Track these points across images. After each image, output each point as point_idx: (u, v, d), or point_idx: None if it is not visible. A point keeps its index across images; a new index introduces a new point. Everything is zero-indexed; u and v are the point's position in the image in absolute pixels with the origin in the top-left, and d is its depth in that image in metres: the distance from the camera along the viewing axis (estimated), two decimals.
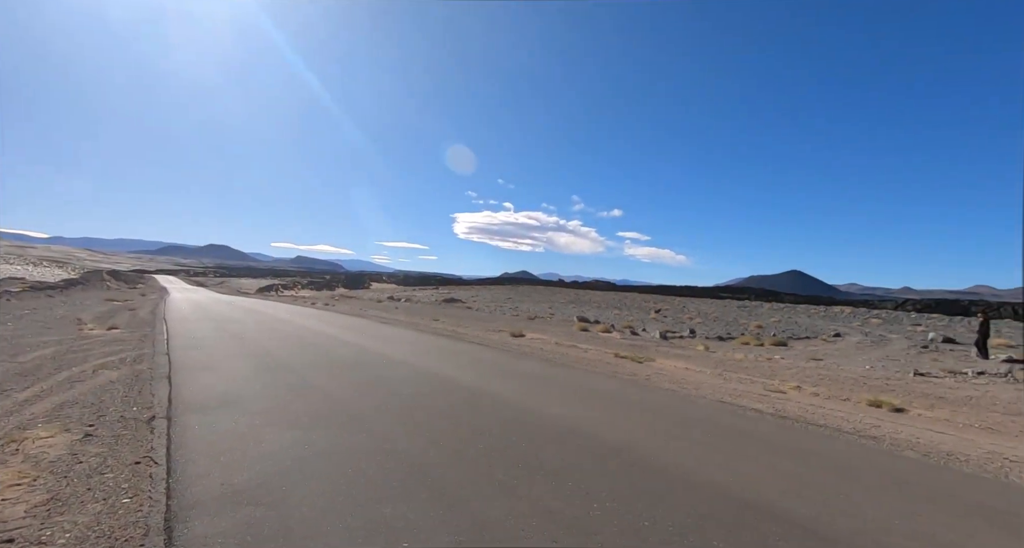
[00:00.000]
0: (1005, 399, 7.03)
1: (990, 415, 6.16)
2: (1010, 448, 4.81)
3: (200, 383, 6.04)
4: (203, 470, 3.36)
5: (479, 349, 10.54)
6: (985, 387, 7.87)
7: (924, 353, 14.57)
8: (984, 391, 7.53)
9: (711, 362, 10.24)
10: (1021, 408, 6.53)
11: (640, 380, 7.63)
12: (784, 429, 5.07)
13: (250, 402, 5.17)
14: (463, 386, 6.40)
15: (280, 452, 3.71)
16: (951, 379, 8.65)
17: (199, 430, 4.21)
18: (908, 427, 5.44)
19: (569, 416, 5.09)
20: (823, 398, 6.98)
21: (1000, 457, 4.45)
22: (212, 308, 21.16)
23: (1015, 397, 7.16)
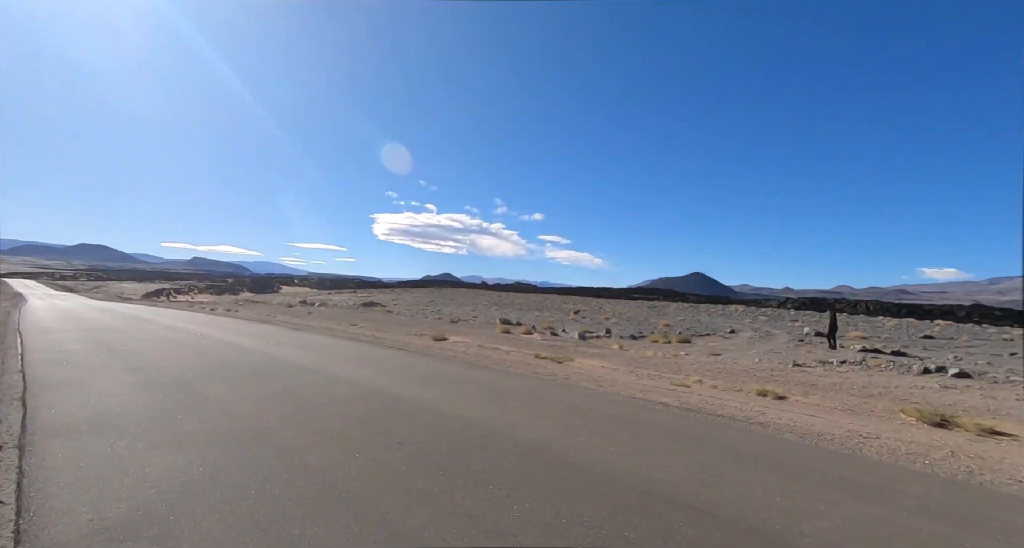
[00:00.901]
0: (860, 384, 8.24)
1: (850, 398, 7.18)
2: (863, 426, 5.64)
3: (66, 404, 5.20)
4: (67, 505, 2.89)
5: (400, 354, 10.24)
6: (846, 374, 9.18)
7: (801, 346, 16.64)
8: (845, 378, 8.78)
9: (625, 360, 10.86)
10: (871, 391, 7.70)
11: (560, 380, 7.87)
12: (688, 420, 5.50)
13: (131, 423, 4.55)
14: (382, 393, 6.16)
15: (167, 477, 3.30)
16: (821, 368, 9.97)
17: (63, 458, 3.62)
18: (788, 412, 6.17)
19: (491, 418, 5.11)
20: (721, 390, 7.68)
21: (857, 434, 5.20)
22: (84, 316, 18.39)
23: (867, 382, 8.42)
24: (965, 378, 8.53)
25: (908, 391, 7.69)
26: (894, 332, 27.87)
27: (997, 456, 4.63)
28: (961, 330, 33.73)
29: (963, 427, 5.59)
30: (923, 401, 6.98)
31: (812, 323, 31.94)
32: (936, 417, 5.82)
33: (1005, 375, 9.48)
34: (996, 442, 5.17)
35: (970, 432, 5.48)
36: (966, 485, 3.81)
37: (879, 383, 8.32)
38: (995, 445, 5.05)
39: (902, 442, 4.96)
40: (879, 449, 4.69)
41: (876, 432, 5.33)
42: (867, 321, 41.70)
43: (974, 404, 6.87)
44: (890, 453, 4.58)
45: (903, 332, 28.18)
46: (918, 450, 4.69)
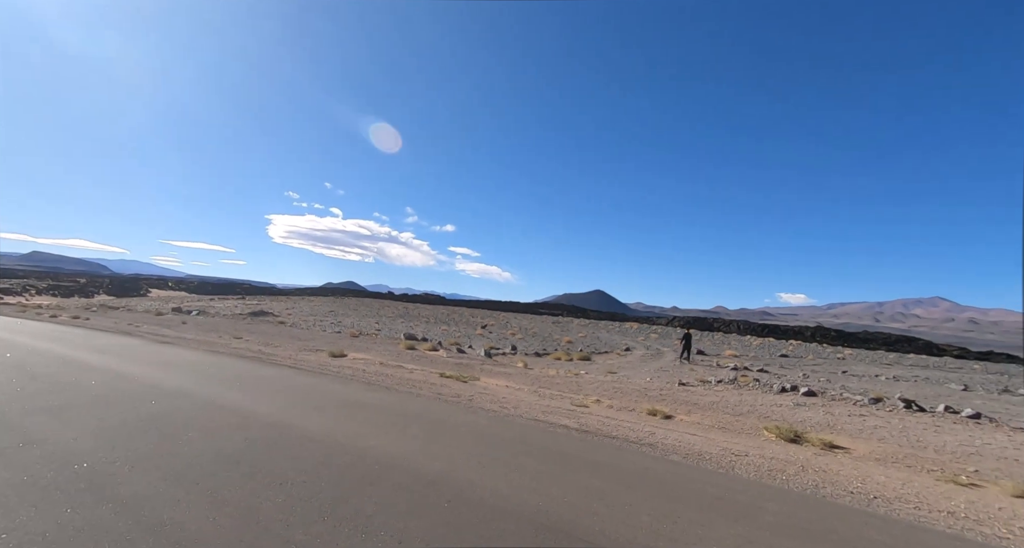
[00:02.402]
0: (733, 402, 9.22)
1: (724, 417, 7.97)
2: (735, 443, 6.26)
3: None
4: None
5: (291, 373, 9.35)
6: (722, 393, 10.21)
7: (685, 365, 18.26)
8: (721, 396, 9.76)
9: (529, 379, 11.02)
10: (742, 409, 8.63)
11: (464, 401, 7.73)
12: (586, 444, 5.68)
13: None
14: (265, 421, 5.53)
15: None
16: (702, 387, 11.00)
17: None
18: (674, 432, 6.65)
19: (388, 449, 4.81)
20: (616, 410, 8.09)
21: (730, 452, 5.75)
22: None
23: (739, 400, 9.45)
24: (812, 396, 9.96)
25: (770, 409, 8.75)
26: (759, 351, 31.87)
27: (835, 469, 5.39)
28: (808, 349, 39.60)
29: (811, 442, 6.46)
30: (781, 418, 7.97)
31: (695, 342, 35.36)
32: (791, 433, 6.66)
33: (839, 392, 11.23)
34: (834, 456, 6.04)
35: (816, 447, 6.35)
36: (812, 499, 4.36)
37: (748, 401, 9.37)
38: (833, 458, 5.89)
39: (765, 459, 5.58)
40: (747, 466, 5.22)
41: (745, 449, 5.95)
42: (738, 340, 47.25)
43: (819, 420, 8.01)
44: (756, 470, 5.11)
45: (766, 351, 32.34)
46: (777, 466, 5.30)
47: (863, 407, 9.10)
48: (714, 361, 20.74)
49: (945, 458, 6.21)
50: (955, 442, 7.04)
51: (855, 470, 5.39)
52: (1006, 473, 5.72)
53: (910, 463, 5.89)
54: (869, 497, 4.51)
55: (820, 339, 63.59)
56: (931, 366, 29.07)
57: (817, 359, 26.96)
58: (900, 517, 4.04)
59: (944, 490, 4.91)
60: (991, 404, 12.42)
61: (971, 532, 3.86)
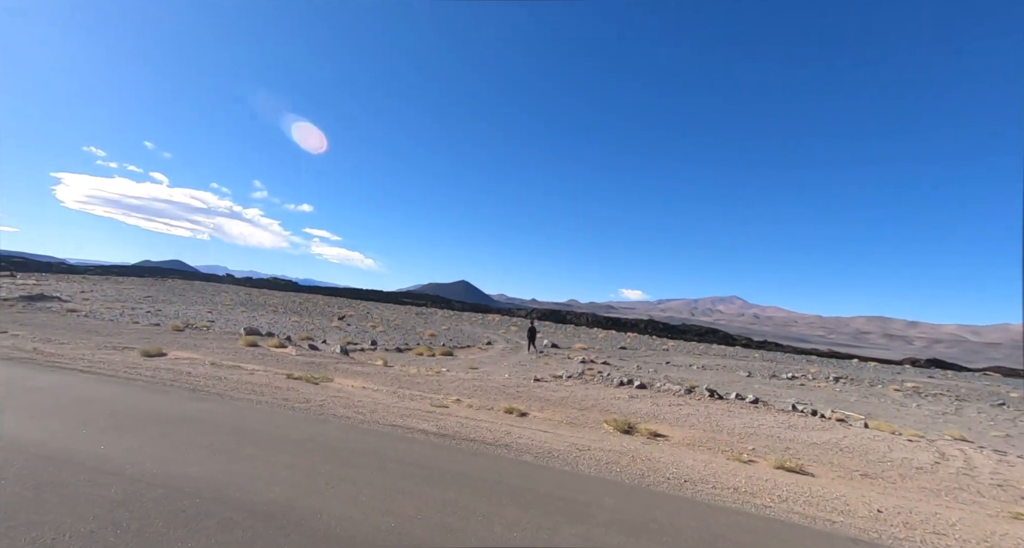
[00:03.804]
0: (580, 396, 10.13)
1: (572, 411, 8.70)
2: (580, 438, 6.87)
3: None
4: None
5: (84, 381, 7.52)
6: (571, 388, 11.15)
7: (540, 358, 19.52)
8: (571, 391, 10.64)
9: (388, 379, 10.63)
10: (587, 403, 9.53)
11: (313, 408, 7.11)
12: (443, 449, 5.65)
13: None
14: (36, 453, 4.32)
15: None
16: (554, 383, 11.86)
17: None
18: (528, 430, 7.03)
19: (214, 476, 4.15)
20: (476, 409, 8.24)
21: (575, 448, 6.27)
22: None
23: (585, 395, 10.42)
24: (643, 388, 11.48)
25: (610, 402, 9.82)
26: (603, 343, 35.67)
27: (657, 456, 6.26)
28: (641, 341, 45.66)
29: (640, 432, 7.42)
30: (619, 411, 9.01)
31: (549, 334, 38.09)
32: (625, 425, 7.55)
33: (663, 383, 13.15)
34: (657, 444, 7.02)
35: (644, 436, 7.30)
36: (639, 489, 4.99)
37: (592, 395, 10.39)
38: (656, 447, 6.84)
39: (604, 452, 6.22)
40: (590, 461, 5.75)
41: (588, 444, 6.55)
42: (587, 333, 52.25)
43: (647, 411, 9.25)
44: (596, 464, 5.66)
45: (609, 343, 36.34)
46: (613, 459, 5.95)
47: (680, 397, 10.78)
48: (566, 353, 22.58)
49: (734, 439, 7.68)
50: (741, 424, 8.76)
51: (672, 456, 6.33)
52: (771, 448, 7.30)
53: (711, 446, 7.14)
54: (681, 481, 5.33)
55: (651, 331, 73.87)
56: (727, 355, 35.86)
57: (648, 350, 31.23)
58: (702, 498, 4.86)
59: (732, 468, 6.05)
60: (764, 388, 15.78)
61: (748, 505, 4.81)
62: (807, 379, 20.98)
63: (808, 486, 5.55)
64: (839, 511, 4.86)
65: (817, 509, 4.85)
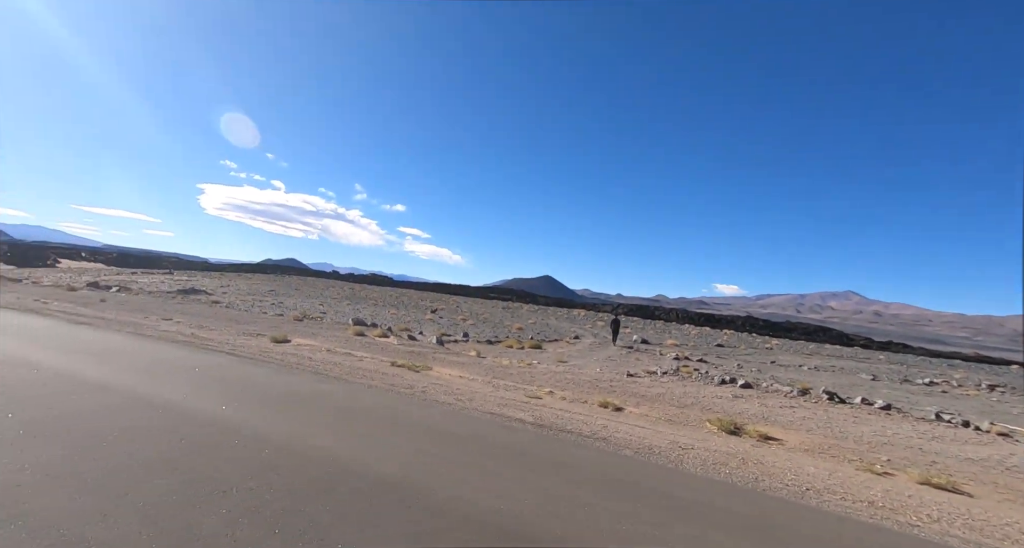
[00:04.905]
0: (678, 394, 9.67)
1: (671, 408, 8.34)
2: (682, 436, 6.56)
3: None
4: None
5: (230, 362, 8.74)
6: (667, 384, 10.69)
7: (631, 353, 18.97)
8: (667, 388, 10.21)
9: (482, 369, 10.99)
10: (686, 401, 9.07)
11: (417, 393, 7.57)
12: (542, 440, 5.72)
13: None
14: (201, 419, 5.11)
15: None
16: (648, 378, 11.45)
17: None
18: (625, 425, 6.87)
19: (340, 450, 4.60)
20: (569, 401, 8.23)
21: (677, 446, 6.01)
22: None
23: (683, 392, 9.93)
24: (748, 388, 10.66)
25: (712, 400, 9.26)
26: (697, 340, 33.72)
27: (771, 461, 5.78)
28: (740, 339, 42.43)
29: (749, 434, 6.90)
30: (722, 410, 8.46)
31: (639, 330, 36.86)
32: (731, 426, 7.07)
33: (770, 383, 12.10)
34: (769, 447, 6.48)
35: (753, 438, 6.78)
36: (753, 492, 4.64)
37: (691, 393, 9.87)
38: (769, 450, 6.31)
39: (709, 452, 5.88)
40: (694, 460, 5.47)
41: (691, 442, 6.24)
42: (678, 329, 49.76)
43: (755, 412, 8.58)
44: (702, 464, 5.37)
45: (703, 340, 34.27)
46: (721, 460, 5.60)
47: (792, 398, 9.85)
48: (657, 350, 21.70)
49: (863, 448, 6.85)
50: (870, 432, 7.78)
51: (788, 462, 5.80)
52: (912, 461, 6.38)
53: (834, 453, 6.43)
54: (802, 489, 4.87)
55: (750, 329, 68.33)
56: (844, 356, 32.06)
57: (748, 349, 28.93)
58: (830, 509, 4.39)
59: (863, 479, 5.39)
60: (895, 393, 13.85)
61: (888, 521, 4.26)
62: (950, 386, 18.04)
63: (966, 507, 4.77)
64: (1012, 540, 4.12)
65: (982, 535, 4.15)
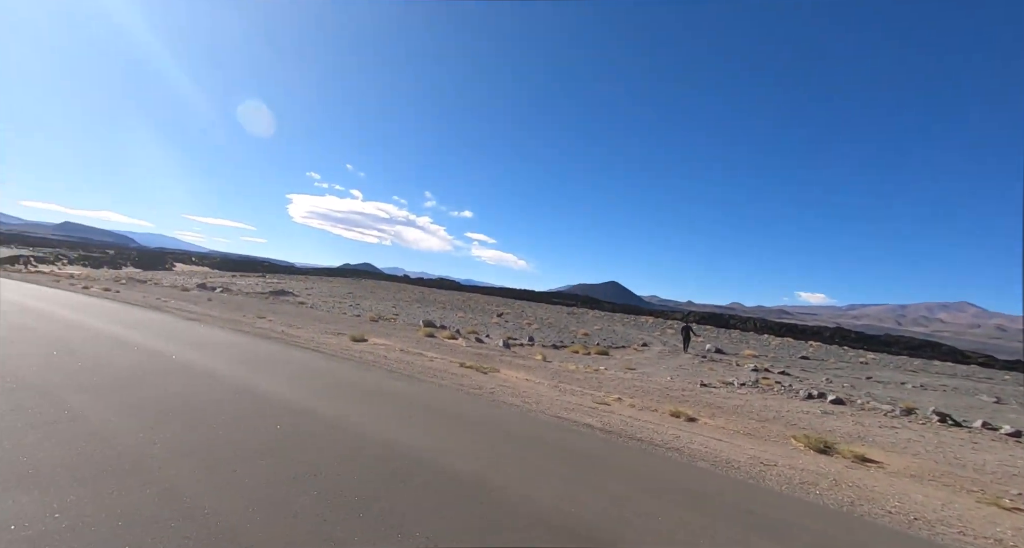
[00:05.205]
0: (758, 407, 9.04)
1: (750, 422, 7.82)
2: (763, 452, 6.13)
3: None
4: None
5: (315, 357, 9.47)
6: (745, 397, 10.03)
7: (704, 363, 18.03)
8: (745, 400, 9.59)
9: (548, 373, 10.99)
10: (767, 415, 8.46)
11: (485, 394, 7.72)
12: (612, 446, 5.61)
13: None
14: (293, 409, 5.58)
15: (7, 532, 2.64)
16: (724, 389, 10.82)
17: None
18: (699, 436, 6.54)
19: (415, 443, 4.81)
20: (638, 409, 8.00)
21: (758, 461, 5.62)
22: None
23: (763, 405, 9.27)
24: (840, 404, 9.72)
25: (796, 416, 8.56)
26: (778, 351, 31.32)
27: (870, 484, 5.23)
28: (829, 352, 38.81)
29: (841, 454, 6.29)
30: (809, 426, 7.79)
31: (712, 339, 34.94)
32: (820, 444, 6.49)
33: (866, 400, 10.95)
34: (867, 470, 5.86)
35: (847, 459, 6.17)
36: (850, 517, 4.23)
37: (773, 406, 9.19)
38: (867, 473, 5.72)
39: (795, 470, 5.44)
40: (778, 478, 5.09)
41: (774, 459, 5.81)
42: (756, 339, 46.53)
43: (848, 430, 7.81)
44: (787, 482, 4.99)
45: (785, 352, 31.77)
46: (809, 479, 5.17)
47: (895, 418, 8.84)
48: (733, 360, 20.44)
49: (986, 479, 5.99)
50: (995, 461, 6.79)
51: (891, 487, 5.22)
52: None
53: (948, 482, 5.69)
54: (909, 518, 4.36)
55: (841, 341, 62.26)
56: (958, 375, 28.22)
57: (839, 362, 26.39)
58: (945, 543, 3.90)
59: (987, 514, 4.72)
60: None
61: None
62: None
63: None
64: None
65: None
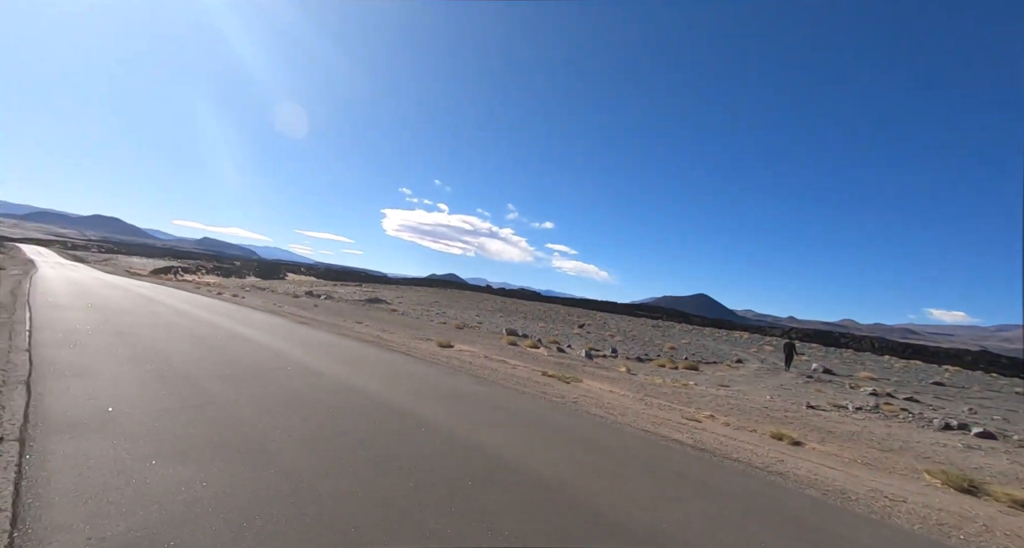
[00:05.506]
0: (879, 435, 7.97)
1: (869, 451, 6.92)
2: (887, 485, 5.39)
3: (71, 394, 5.08)
4: (65, 517, 2.74)
5: (407, 361, 10.07)
6: (863, 422, 8.89)
7: (810, 383, 16.29)
8: (863, 426, 8.50)
9: (634, 386, 10.63)
10: (891, 444, 7.42)
11: (568, 403, 7.67)
12: (705, 464, 5.28)
13: (136, 422, 4.41)
14: (391, 407, 5.99)
15: (170, 493, 3.14)
16: (836, 413, 9.69)
17: (64, 460, 3.48)
18: (806, 462, 5.93)
19: (500, 446, 4.92)
20: (733, 428, 7.45)
21: (882, 495, 4.95)
22: (93, 291, 18.41)
23: (886, 433, 8.15)
24: (989, 438, 8.23)
25: (930, 448, 7.41)
26: (903, 375, 27.36)
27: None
28: (971, 378, 33.08)
29: (993, 496, 5.33)
30: (947, 461, 6.71)
31: (819, 358, 31.47)
32: (964, 482, 5.55)
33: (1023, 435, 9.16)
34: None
35: (1001, 502, 5.21)
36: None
37: (899, 436, 8.04)
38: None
39: (931, 509, 4.72)
40: (909, 516, 4.45)
41: (902, 494, 5.09)
42: (874, 360, 41.07)
43: (1002, 469, 6.59)
44: (921, 522, 4.34)
45: (912, 376, 27.65)
46: (950, 521, 4.45)
47: None
48: (846, 383, 18.22)
49: None
50: None
51: None
52: None
53: None
54: None
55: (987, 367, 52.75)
56: None
57: (986, 392, 22.37)
58: None
59: None
60: None
61: None
62: None
63: None
64: None
65: None
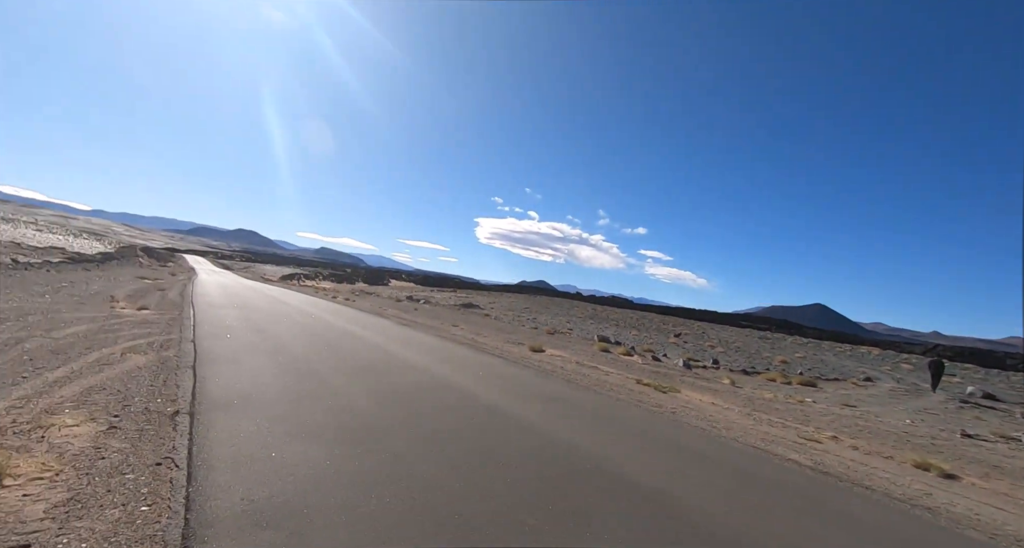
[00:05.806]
0: None
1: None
2: None
3: (224, 378, 6.00)
4: (224, 480, 3.24)
5: (500, 363, 10.33)
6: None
7: (964, 409, 13.75)
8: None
9: (739, 399, 9.82)
10: None
11: (666, 413, 7.31)
12: (828, 488, 4.72)
13: (272, 405, 5.08)
14: (487, 405, 6.20)
15: (301, 467, 3.57)
16: (1004, 445, 8.07)
17: (221, 432, 4.12)
18: (963, 499, 5.02)
19: (596, 450, 4.83)
20: (863, 453, 6.56)
21: None
22: (238, 294, 21.51)
23: None
24: None
25: None
26: None
27: None
28: None
29: None
30: None
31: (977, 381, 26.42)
32: None
33: None
34: None
35: None
36: None
37: None
38: None
39: None
40: None
41: None
42: None
43: None
44: None
45: None
46: None
47: None
48: (1016, 412, 15.06)
49: None
50: None
51: None
52: None
53: None
54: None
55: None
56: None
57: None
58: None
59: None
60: None
61: None
62: None
63: None
64: None
65: None
